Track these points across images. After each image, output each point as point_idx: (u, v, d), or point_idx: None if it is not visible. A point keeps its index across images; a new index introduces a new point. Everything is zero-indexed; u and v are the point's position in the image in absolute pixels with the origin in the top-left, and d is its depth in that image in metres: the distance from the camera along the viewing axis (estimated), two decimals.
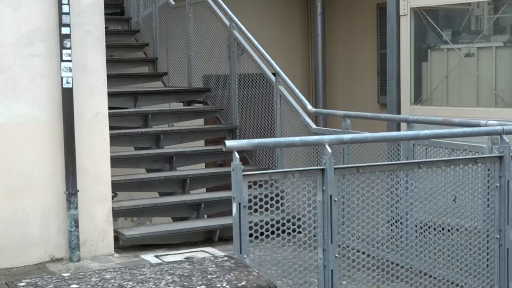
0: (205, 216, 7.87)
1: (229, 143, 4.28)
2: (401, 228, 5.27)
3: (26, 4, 6.28)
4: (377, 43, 13.25)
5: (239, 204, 4.25)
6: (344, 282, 4.89)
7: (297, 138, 4.89)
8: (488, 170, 5.18)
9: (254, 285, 3.35)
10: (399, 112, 10.62)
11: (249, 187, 4.33)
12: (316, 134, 7.49)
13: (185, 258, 6.31)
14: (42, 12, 6.33)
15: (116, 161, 7.47)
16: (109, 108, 6.83)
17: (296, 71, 13.89)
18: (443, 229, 5.26)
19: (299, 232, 4.64)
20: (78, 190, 6.39)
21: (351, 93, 13.85)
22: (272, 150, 8.07)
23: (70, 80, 6.35)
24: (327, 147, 4.54)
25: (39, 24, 6.33)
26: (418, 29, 10.62)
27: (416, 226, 5.27)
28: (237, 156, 4.27)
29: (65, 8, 6.33)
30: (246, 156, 8.51)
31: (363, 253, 5.07)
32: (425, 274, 5.17)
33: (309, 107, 7.92)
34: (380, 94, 13.15)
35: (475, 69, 10.01)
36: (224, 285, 3.33)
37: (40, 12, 6.33)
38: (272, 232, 4.40)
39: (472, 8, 10.47)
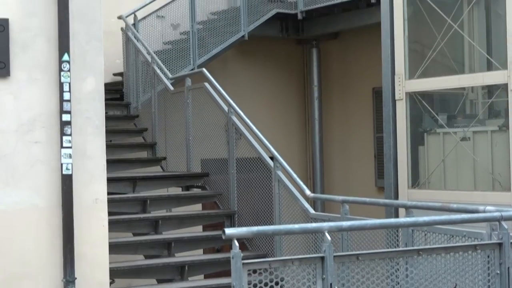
0: None
1: (229, 231, 4.29)
2: None
3: (28, 91, 6.35)
4: (374, 126, 13.38)
5: None
6: None
7: (296, 226, 4.89)
8: (488, 257, 5.16)
9: None
10: (397, 196, 10.63)
11: (249, 275, 4.31)
12: (315, 219, 7.48)
13: None
14: (43, 99, 6.40)
15: (114, 247, 7.43)
16: (108, 193, 6.83)
17: (294, 154, 13.98)
18: None
19: None
20: (75, 278, 6.34)
21: (348, 176, 13.89)
22: (271, 236, 8.04)
23: (69, 166, 6.38)
24: (327, 234, 4.55)
25: (40, 111, 6.39)
26: (414, 113, 10.74)
27: None
28: (237, 244, 4.27)
29: (66, 96, 6.40)
30: (245, 241, 8.47)
31: None
32: None
33: (307, 192, 7.94)
34: (378, 177, 13.19)
35: (472, 153, 10.07)
36: None
37: (41, 99, 6.40)
38: None
39: (466, 93, 10.62)
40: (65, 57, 6.34)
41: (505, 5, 9.57)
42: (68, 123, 6.40)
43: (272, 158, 8.39)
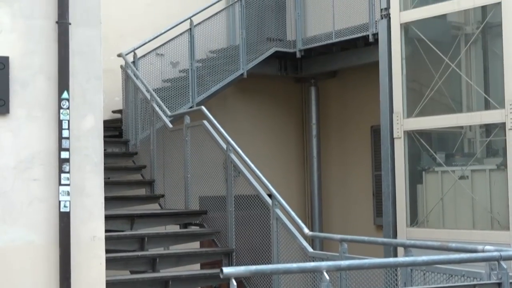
0: None
1: (227, 270, 4.27)
2: None
3: (27, 129, 6.36)
4: (372, 164, 13.39)
5: None
6: None
7: (295, 265, 4.87)
8: None
9: None
10: (395, 235, 10.60)
11: None
12: (313, 258, 7.46)
13: None
14: (42, 136, 6.41)
15: (111, 286, 7.38)
16: (106, 231, 6.80)
17: (292, 192, 13.97)
18: None
19: None
20: None
21: (347, 214, 13.86)
22: (269, 275, 8.00)
23: (67, 204, 6.36)
24: (325, 274, 4.53)
25: (38, 148, 6.40)
26: (412, 152, 10.77)
27: None
28: (235, 283, 4.25)
29: (65, 133, 6.41)
30: (243, 280, 8.43)
31: None
32: None
33: (306, 230, 7.92)
34: (376, 215, 13.17)
35: (470, 192, 10.07)
36: None
37: (40, 137, 6.41)
38: None
39: (464, 131, 10.66)
40: (65, 95, 6.37)
41: (502, 44, 9.66)
42: (67, 160, 6.40)
43: (270, 195, 8.39)
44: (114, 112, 12.12)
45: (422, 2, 10.66)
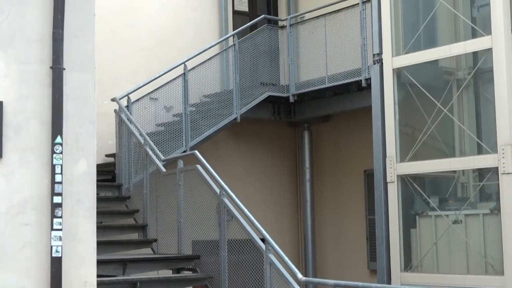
0: None
1: None
2: None
3: (19, 174, 6.34)
4: (366, 208, 13.37)
5: None
6: None
7: None
8: None
9: None
10: (389, 279, 10.55)
11: None
12: None
13: None
14: (35, 181, 6.39)
15: None
16: (98, 276, 6.75)
17: (285, 236, 13.92)
18: None
19: None
20: None
21: (340, 259, 13.80)
22: None
23: (59, 249, 6.32)
24: None
25: (31, 193, 6.37)
26: (406, 196, 10.77)
27: None
28: None
29: (58, 178, 6.39)
30: None
31: None
32: None
33: (299, 276, 7.87)
34: (370, 260, 13.11)
35: (464, 236, 10.06)
36: None
37: (32, 181, 6.39)
38: None
39: (458, 176, 10.68)
40: (58, 139, 6.37)
41: (493, 90, 9.73)
42: (59, 205, 6.37)
43: (263, 240, 8.35)
44: (107, 156, 12.11)
45: (414, 48, 10.76)
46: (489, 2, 9.82)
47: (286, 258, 8.10)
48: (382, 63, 10.97)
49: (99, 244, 6.97)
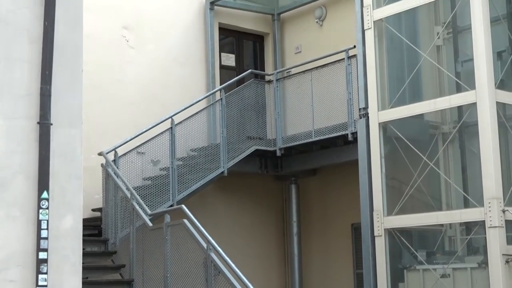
0: None
1: None
2: None
3: (5, 229, 6.29)
4: (353, 262, 13.31)
5: None
6: None
7: None
8: None
9: None
10: None
11: None
12: None
13: None
14: (20, 236, 6.34)
15: None
16: None
17: None
18: None
19: None
20: None
21: None
22: None
23: None
24: None
25: (16, 249, 6.31)
26: (393, 250, 10.75)
27: None
28: None
29: (43, 233, 6.35)
30: None
31: None
32: None
33: None
34: None
35: None
36: None
37: (18, 237, 6.34)
38: None
39: (445, 229, 10.68)
40: (44, 194, 6.35)
41: (478, 143, 9.80)
42: (45, 261, 6.32)
43: None
44: (93, 210, 12.05)
45: (399, 102, 10.86)
46: (472, 57, 9.96)
47: None
48: (368, 117, 11.05)
49: None
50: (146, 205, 10.55)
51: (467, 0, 10.06)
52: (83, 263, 6.70)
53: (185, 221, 9.37)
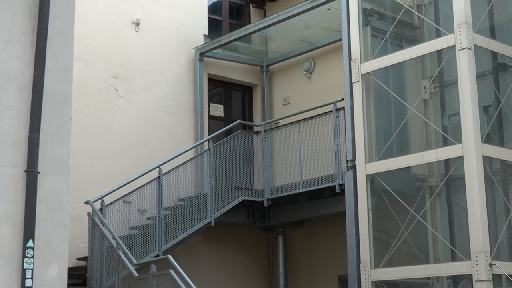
0: None
1: None
2: None
3: None
4: None
5: None
6: None
7: None
8: None
9: None
10: None
11: None
12: None
13: None
14: (5, 285, 6.29)
15: None
16: None
17: None
18: None
19: None
20: None
21: None
22: None
23: None
24: None
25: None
26: None
27: None
28: None
29: (28, 282, 6.32)
30: None
31: None
32: None
33: None
34: None
35: None
36: None
37: (2, 286, 6.28)
38: None
39: (432, 282, 10.64)
40: (30, 243, 6.32)
41: (465, 197, 9.83)
42: None
43: None
44: (79, 259, 11.95)
45: (387, 155, 10.91)
46: (459, 111, 10.05)
47: None
48: (355, 169, 11.08)
49: None
50: (132, 254, 10.48)
51: (454, 55, 10.18)
52: None
53: (171, 271, 9.30)
